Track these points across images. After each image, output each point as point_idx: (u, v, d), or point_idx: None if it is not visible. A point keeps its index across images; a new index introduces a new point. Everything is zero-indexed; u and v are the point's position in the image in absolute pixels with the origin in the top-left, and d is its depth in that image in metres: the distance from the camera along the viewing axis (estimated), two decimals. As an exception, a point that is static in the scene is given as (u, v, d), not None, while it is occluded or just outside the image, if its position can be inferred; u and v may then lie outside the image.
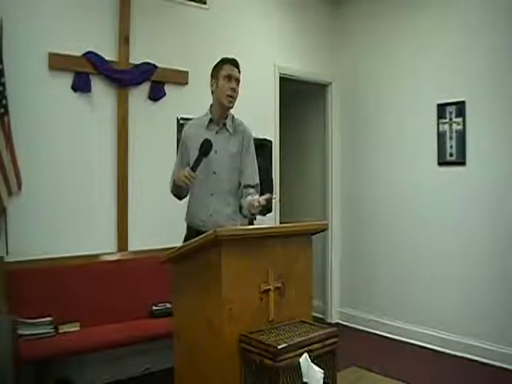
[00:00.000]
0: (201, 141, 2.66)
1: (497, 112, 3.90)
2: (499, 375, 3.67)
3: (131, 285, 3.54)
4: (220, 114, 2.81)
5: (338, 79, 5.21)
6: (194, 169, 2.61)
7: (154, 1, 3.90)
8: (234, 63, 2.79)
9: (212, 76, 2.82)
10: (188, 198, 2.90)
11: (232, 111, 4.46)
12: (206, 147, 2.64)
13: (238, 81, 2.79)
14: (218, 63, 2.83)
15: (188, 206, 2.90)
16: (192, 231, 2.78)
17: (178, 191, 2.85)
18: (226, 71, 2.75)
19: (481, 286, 3.96)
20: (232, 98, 2.76)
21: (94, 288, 3.40)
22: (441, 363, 3.96)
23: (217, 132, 2.80)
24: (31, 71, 3.32)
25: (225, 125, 2.82)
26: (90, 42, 3.53)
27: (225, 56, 2.89)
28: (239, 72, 2.81)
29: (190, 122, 2.98)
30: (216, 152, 2.72)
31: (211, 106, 2.87)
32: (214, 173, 2.76)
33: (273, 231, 2.33)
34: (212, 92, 2.82)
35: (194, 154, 2.69)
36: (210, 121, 2.81)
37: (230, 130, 2.83)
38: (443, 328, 4.21)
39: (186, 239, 2.74)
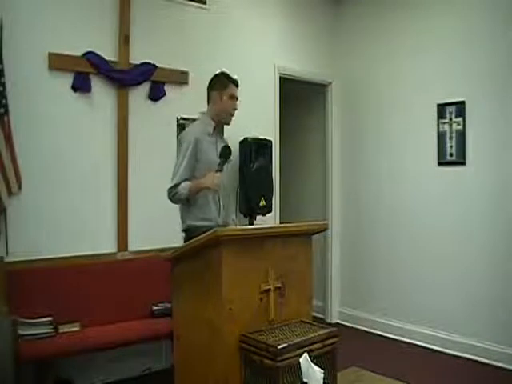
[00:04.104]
0: (211, 147, 2.90)
1: (497, 112, 3.90)
2: (499, 375, 3.67)
3: (131, 285, 3.53)
4: (218, 124, 3.01)
5: (338, 79, 5.21)
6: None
7: (154, 1, 3.90)
8: (237, 84, 3.01)
9: (215, 88, 2.97)
10: (190, 202, 2.90)
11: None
12: (229, 153, 2.86)
13: (237, 99, 3.03)
14: (223, 79, 2.99)
15: (196, 210, 2.89)
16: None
17: (192, 196, 2.86)
18: (231, 90, 2.96)
19: (481, 286, 3.96)
20: (232, 116, 3.01)
21: (94, 288, 3.39)
22: (441, 363, 3.96)
23: (216, 140, 2.98)
24: (31, 71, 3.32)
25: (216, 130, 3.01)
26: (90, 42, 3.53)
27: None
28: None
29: (194, 126, 3.00)
30: (216, 156, 2.92)
31: (206, 114, 3.01)
32: None
33: (273, 231, 2.33)
34: (212, 102, 2.98)
35: (206, 158, 2.87)
36: (214, 129, 2.98)
37: (223, 139, 3.06)
38: (443, 328, 4.21)
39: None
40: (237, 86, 3.01)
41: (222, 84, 2.97)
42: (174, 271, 2.34)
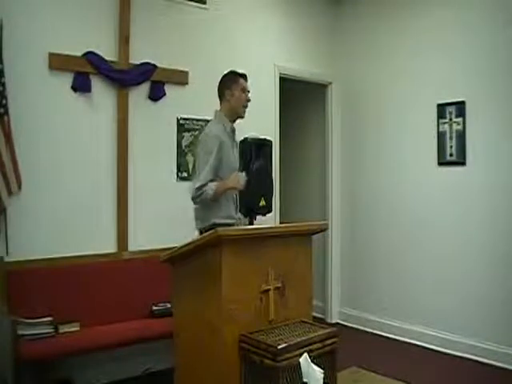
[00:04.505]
0: (230, 147, 3.01)
1: (497, 112, 3.90)
2: (499, 375, 3.67)
3: (131, 285, 3.54)
4: (233, 122, 3.11)
5: (338, 79, 5.20)
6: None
7: (154, 1, 3.90)
8: (246, 79, 3.11)
9: (226, 86, 3.07)
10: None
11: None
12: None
13: (249, 92, 3.13)
14: (232, 75, 3.09)
15: (219, 209, 2.96)
16: None
17: (218, 196, 2.93)
18: (241, 84, 3.06)
19: (481, 286, 3.96)
20: (246, 108, 3.10)
21: (94, 288, 3.40)
22: (441, 363, 3.96)
23: (233, 139, 3.10)
24: (31, 71, 3.32)
25: (233, 131, 3.12)
26: (90, 42, 3.52)
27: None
28: None
29: (214, 128, 3.03)
30: (235, 156, 3.11)
31: (221, 112, 3.08)
32: None
33: (273, 231, 2.33)
34: (225, 100, 3.07)
35: (227, 159, 2.97)
36: (231, 128, 3.09)
37: (235, 137, 3.15)
38: (443, 328, 4.21)
39: None
40: (246, 80, 3.11)
41: (231, 80, 3.07)
42: (174, 271, 2.34)
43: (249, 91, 3.11)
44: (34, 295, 3.16)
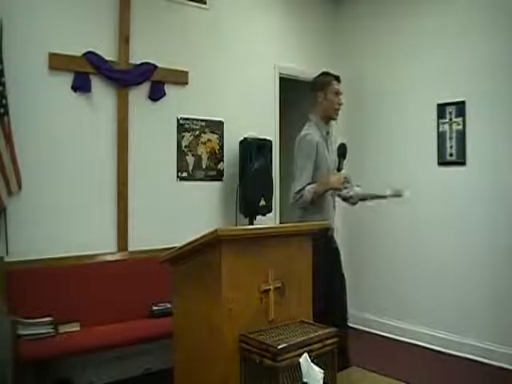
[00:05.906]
0: (325, 149, 3.02)
1: (497, 112, 3.90)
2: (499, 375, 3.67)
3: (131, 285, 3.54)
4: (326, 124, 3.12)
5: (338, 79, 5.20)
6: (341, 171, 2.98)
7: (154, 1, 3.90)
8: (339, 80, 3.15)
9: (319, 88, 3.10)
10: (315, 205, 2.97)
11: (233, 111, 4.50)
12: (345, 150, 2.97)
13: (341, 94, 3.17)
14: (326, 77, 3.14)
15: (321, 213, 2.97)
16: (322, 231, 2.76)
17: (317, 199, 2.93)
18: (335, 87, 3.09)
19: (481, 286, 3.96)
20: (338, 110, 3.13)
21: (94, 288, 3.40)
22: (441, 363, 3.96)
23: (326, 140, 3.09)
24: (31, 71, 3.32)
25: (328, 133, 3.14)
26: (90, 42, 3.53)
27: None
28: None
29: (308, 132, 3.02)
30: (331, 159, 3.08)
31: (314, 115, 3.09)
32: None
33: (273, 231, 2.33)
34: (318, 103, 3.10)
35: (323, 161, 2.98)
36: (327, 132, 3.12)
37: (330, 140, 3.16)
38: (443, 328, 4.21)
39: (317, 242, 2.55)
40: (339, 81, 3.14)
41: (325, 83, 3.11)
42: (174, 271, 2.34)
43: (341, 93, 3.13)
44: (34, 295, 3.16)
